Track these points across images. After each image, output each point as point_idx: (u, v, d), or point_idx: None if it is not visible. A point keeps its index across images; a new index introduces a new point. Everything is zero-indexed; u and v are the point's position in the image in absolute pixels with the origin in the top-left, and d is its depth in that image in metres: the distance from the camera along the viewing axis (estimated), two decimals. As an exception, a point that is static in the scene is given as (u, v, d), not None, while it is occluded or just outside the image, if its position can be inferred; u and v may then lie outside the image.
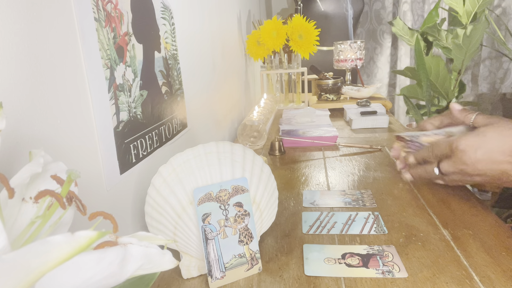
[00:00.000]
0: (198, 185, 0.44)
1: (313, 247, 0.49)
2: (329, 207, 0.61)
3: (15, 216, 0.23)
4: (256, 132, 0.96)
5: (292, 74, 1.45)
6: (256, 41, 1.29)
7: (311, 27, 1.28)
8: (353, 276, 0.43)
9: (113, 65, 0.43)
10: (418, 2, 2.21)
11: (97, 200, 0.41)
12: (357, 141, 0.98)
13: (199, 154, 0.46)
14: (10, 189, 0.20)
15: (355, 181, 0.71)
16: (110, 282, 0.18)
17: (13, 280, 0.15)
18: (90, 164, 0.40)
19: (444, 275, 0.42)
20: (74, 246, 0.15)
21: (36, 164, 0.23)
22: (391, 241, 0.49)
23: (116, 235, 0.21)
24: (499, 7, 2.10)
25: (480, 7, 1.65)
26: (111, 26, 0.43)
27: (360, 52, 1.59)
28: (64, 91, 0.36)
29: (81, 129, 0.38)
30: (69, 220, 0.25)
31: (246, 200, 0.44)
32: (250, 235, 0.44)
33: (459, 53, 1.60)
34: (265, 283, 0.43)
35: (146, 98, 0.52)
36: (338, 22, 2.02)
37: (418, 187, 0.66)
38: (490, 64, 2.19)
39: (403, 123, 2.34)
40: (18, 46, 0.30)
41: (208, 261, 0.42)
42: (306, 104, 1.42)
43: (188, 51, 0.72)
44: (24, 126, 0.31)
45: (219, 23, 1.00)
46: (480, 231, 0.50)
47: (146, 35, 0.53)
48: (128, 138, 0.47)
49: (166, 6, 0.60)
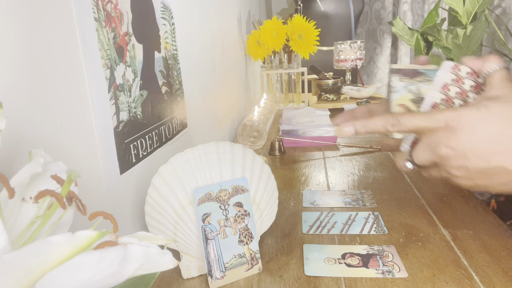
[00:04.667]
0: (198, 185, 0.44)
1: (313, 247, 0.49)
2: (329, 207, 0.61)
3: (15, 216, 0.23)
4: (256, 132, 0.96)
5: (292, 74, 1.45)
6: (256, 41, 1.29)
7: (311, 27, 1.28)
8: (353, 276, 0.43)
9: (113, 65, 0.43)
10: (418, 2, 2.21)
11: (97, 200, 0.41)
12: (357, 141, 0.98)
13: (199, 154, 0.46)
14: (10, 189, 0.20)
15: (355, 181, 0.71)
16: (110, 282, 0.18)
17: (13, 280, 0.15)
18: (90, 164, 0.40)
19: (444, 275, 0.42)
20: (74, 246, 0.15)
21: (36, 164, 0.23)
22: (391, 241, 0.49)
23: (116, 235, 0.21)
24: (499, 7, 2.10)
25: (480, 7, 1.65)
26: (111, 26, 0.43)
27: (360, 52, 1.59)
28: (64, 91, 0.36)
29: (81, 129, 0.38)
30: (69, 220, 0.25)
31: (246, 200, 0.44)
32: (250, 235, 0.44)
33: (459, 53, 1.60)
34: (265, 283, 0.43)
35: (146, 98, 0.52)
36: (338, 22, 2.02)
37: (418, 187, 0.66)
38: (490, 64, 2.19)
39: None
40: (18, 46, 0.30)
41: (208, 261, 0.42)
42: (306, 104, 1.42)
43: (188, 51, 0.72)
44: (24, 126, 0.31)
45: (219, 23, 1.00)
46: (480, 231, 0.50)
47: (146, 35, 0.53)
48: (128, 138, 0.47)
49: (166, 6, 0.60)
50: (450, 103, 0.42)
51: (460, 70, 0.42)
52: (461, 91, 0.42)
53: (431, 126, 0.39)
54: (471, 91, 0.42)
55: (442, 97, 0.42)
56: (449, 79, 0.42)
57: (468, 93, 0.41)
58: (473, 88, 0.42)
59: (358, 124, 0.43)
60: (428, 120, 0.39)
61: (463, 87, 0.42)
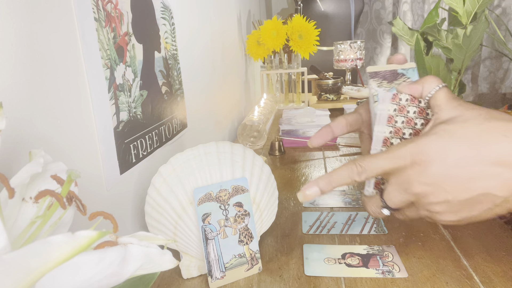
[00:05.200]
0: (198, 185, 0.44)
1: (313, 247, 0.49)
2: (329, 207, 0.61)
3: (15, 216, 0.23)
4: (256, 132, 0.96)
5: (292, 74, 1.45)
6: (256, 41, 1.29)
7: (311, 27, 1.28)
8: (353, 276, 0.43)
9: (113, 65, 0.43)
10: (418, 2, 2.21)
11: (97, 200, 0.41)
12: (357, 141, 0.98)
13: (199, 154, 0.46)
14: (10, 189, 0.20)
15: (355, 181, 0.71)
16: (110, 282, 0.18)
17: (13, 280, 0.15)
18: (90, 164, 0.40)
19: (444, 275, 0.42)
20: (74, 246, 0.15)
21: (36, 164, 0.23)
22: (391, 241, 0.49)
23: (116, 235, 0.21)
24: (499, 7, 2.10)
25: (480, 7, 1.65)
26: (111, 26, 0.43)
27: (360, 52, 1.59)
28: (64, 91, 0.36)
29: (81, 129, 0.38)
30: (69, 220, 0.25)
31: (246, 200, 0.44)
32: (250, 235, 0.44)
33: (459, 53, 1.61)
34: (265, 283, 0.43)
35: (146, 98, 0.52)
36: (338, 22, 2.02)
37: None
38: (490, 64, 2.19)
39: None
40: (18, 46, 0.30)
41: (208, 261, 0.42)
42: (306, 104, 1.42)
43: (188, 51, 0.72)
44: (24, 126, 0.31)
45: (219, 23, 1.00)
46: (480, 231, 0.50)
47: (146, 35, 0.53)
48: (128, 138, 0.47)
49: (166, 6, 0.60)
50: (401, 134, 0.40)
51: (400, 99, 0.40)
52: (407, 119, 0.40)
53: (398, 165, 0.36)
54: (418, 118, 0.40)
55: (391, 130, 0.40)
56: (392, 110, 0.40)
57: (415, 120, 0.40)
58: (418, 113, 0.40)
59: (322, 183, 0.39)
60: (392, 160, 0.36)
61: (408, 115, 0.40)
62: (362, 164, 0.37)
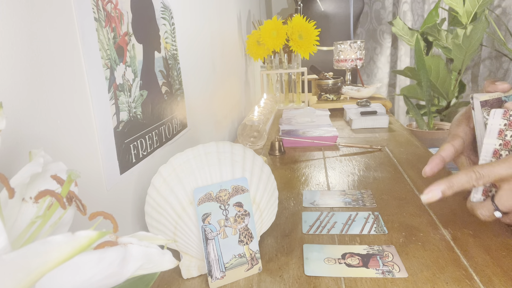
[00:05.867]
0: (198, 185, 0.44)
1: (313, 247, 0.49)
2: (329, 207, 0.61)
3: (15, 216, 0.23)
4: (256, 132, 0.96)
5: (292, 74, 1.45)
6: (256, 41, 1.29)
7: (311, 27, 1.29)
8: (353, 276, 0.43)
9: (113, 65, 0.43)
10: (418, 2, 2.21)
11: (97, 200, 0.41)
12: (357, 141, 0.98)
13: (199, 154, 0.46)
14: (10, 189, 0.20)
15: (355, 181, 0.71)
16: (110, 282, 0.18)
17: (13, 280, 0.15)
18: (90, 164, 0.40)
19: (444, 275, 0.42)
20: (74, 246, 0.15)
21: (36, 164, 0.23)
22: (391, 241, 0.49)
23: (116, 235, 0.21)
24: (499, 7, 2.10)
25: (480, 7, 1.65)
26: (111, 26, 0.43)
27: (360, 52, 1.59)
28: (64, 91, 0.36)
29: (81, 129, 0.38)
30: (69, 220, 0.25)
31: (246, 200, 0.44)
32: (250, 235, 0.44)
33: (459, 53, 1.60)
34: (265, 283, 0.43)
35: (146, 98, 0.52)
36: (338, 22, 2.02)
37: (418, 187, 0.66)
38: (490, 64, 2.19)
39: (403, 123, 2.34)
40: (18, 46, 0.30)
41: (208, 261, 0.42)
42: (306, 104, 1.42)
43: (188, 51, 0.72)
44: (24, 126, 0.31)
45: (219, 23, 1.00)
46: (480, 231, 0.50)
47: (146, 35, 0.53)
48: (128, 138, 0.47)
49: (166, 6, 0.60)
50: (509, 146, 0.45)
51: (510, 115, 0.46)
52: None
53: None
54: None
55: (500, 142, 0.46)
56: (502, 125, 0.46)
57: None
58: None
59: (444, 186, 0.45)
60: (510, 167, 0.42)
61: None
62: (481, 171, 0.43)
